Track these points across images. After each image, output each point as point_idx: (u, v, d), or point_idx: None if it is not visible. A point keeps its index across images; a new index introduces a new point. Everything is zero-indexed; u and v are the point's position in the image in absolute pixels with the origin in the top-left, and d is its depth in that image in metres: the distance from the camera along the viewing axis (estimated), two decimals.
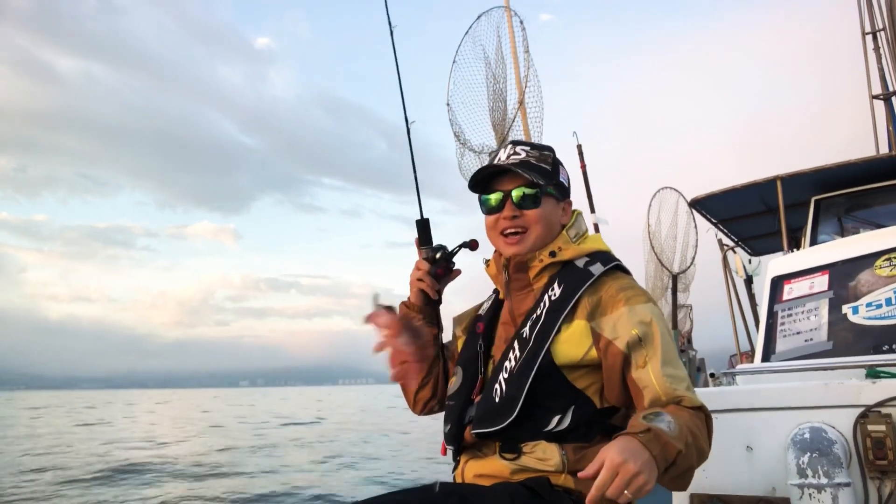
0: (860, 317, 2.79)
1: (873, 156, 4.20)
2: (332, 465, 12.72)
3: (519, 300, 1.44)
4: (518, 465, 1.28)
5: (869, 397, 1.80)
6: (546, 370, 1.29)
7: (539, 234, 1.41)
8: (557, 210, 1.45)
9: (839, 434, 1.80)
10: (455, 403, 1.43)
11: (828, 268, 3.08)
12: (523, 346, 1.34)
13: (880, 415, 1.77)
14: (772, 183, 4.29)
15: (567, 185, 1.48)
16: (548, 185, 1.41)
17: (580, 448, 1.27)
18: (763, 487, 1.91)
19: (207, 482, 10.45)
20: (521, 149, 1.47)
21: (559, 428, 1.27)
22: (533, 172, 1.40)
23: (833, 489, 1.70)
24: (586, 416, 1.29)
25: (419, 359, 1.39)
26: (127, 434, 21.26)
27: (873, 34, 6.18)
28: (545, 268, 1.41)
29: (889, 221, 3.86)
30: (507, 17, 4.38)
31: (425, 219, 1.61)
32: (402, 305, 1.61)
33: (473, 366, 1.44)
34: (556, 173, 1.45)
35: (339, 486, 9.98)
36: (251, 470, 11.76)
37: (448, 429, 1.42)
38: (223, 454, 14.44)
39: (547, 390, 1.29)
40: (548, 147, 1.49)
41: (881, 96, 5.83)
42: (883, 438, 1.73)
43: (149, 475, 11.19)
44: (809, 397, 1.88)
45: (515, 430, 1.28)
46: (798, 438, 1.80)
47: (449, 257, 1.56)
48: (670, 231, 6.54)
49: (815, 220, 4.21)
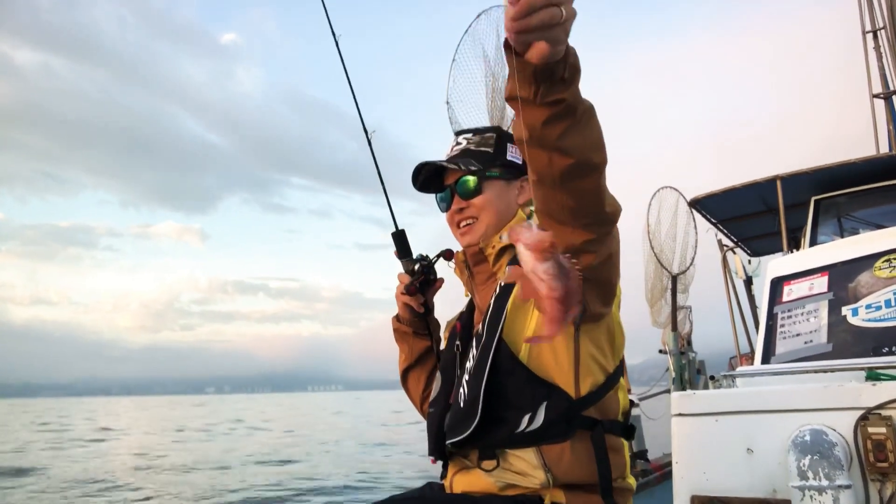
0: (860, 318, 2.78)
1: (873, 155, 4.20)
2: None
3: (484, 293, 1.38)
4: (505, 481, 1.22)
5: (869, 399, 1.80)
6: (504, 364, 1.22)
7: (488, 221, 1.36)
8: (509, 191, 1.39)
9: (840, 436, 1.80)
10: (434, 410, 1.37)
11: (827, 269, 3.07)
12: (478, 341, 1.28)
13: (881, 417, 1.77)
14: (771, 183, 4.28)
15: (520, 162, 1.40)
16: (489, 168, 1.36)
17: (560, 450, 1.19)
18: (764, 489, 1.91)
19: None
20: (462, 138, 1.43)
21: (532, 427, 1.18)
22: (469, 160, 1.36)
23: (834, 491, 1.69)
24: (562, 411, 1.19)
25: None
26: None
27: (874, 33, 6.17)
28: (503, 253, 1.34)
29: (889, 222, 3.86)
30: None
31: (401, 230, 1.57)
32: (394, 320, 1.59)
33: (451, 368, 1.37)
34: (500, 153, 1.39)
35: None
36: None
37: (429, 439, 1.36)
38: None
39: (510, 386, 1.21)
40: (491, 128, 1.44)
41: (881, 95, 5.82)
42: (883, 441, 1.73)
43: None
44: (810, 400, 1.88)
45: (487, 436, 1.21)
46: (798, 441, 1.79)
47: (428, 269, 1.52)
48: (670, 231, 6.52)
49: (814, 220, 4.21)
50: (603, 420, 1.23)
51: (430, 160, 1.38)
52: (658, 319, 6.33)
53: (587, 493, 1.21)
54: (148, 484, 11.86)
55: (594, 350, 1.23)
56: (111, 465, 15.50)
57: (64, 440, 23.29)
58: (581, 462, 1.20)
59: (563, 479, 1.19)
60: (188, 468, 14.40)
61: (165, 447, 19.93)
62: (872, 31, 6.18)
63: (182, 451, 18.45)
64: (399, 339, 1.61)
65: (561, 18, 0.77)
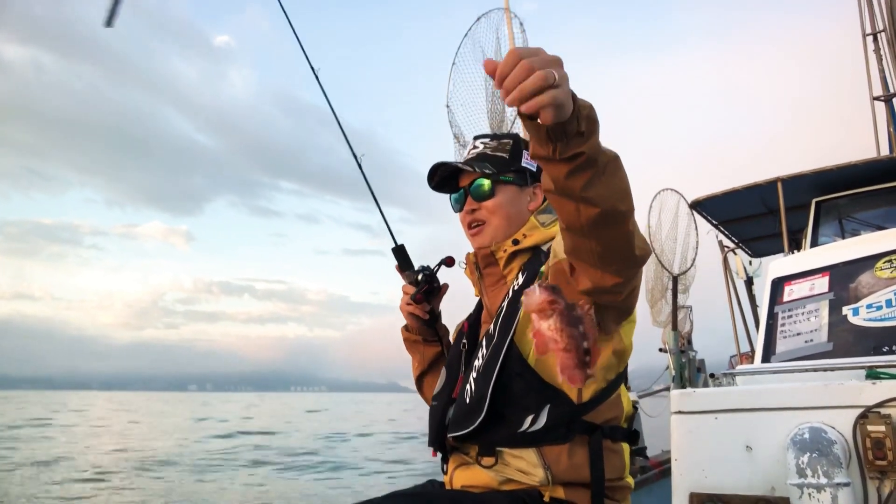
0: (860, 318, 2.79)
1: (874, 157, 4.20)
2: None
3: (493, 295, 1.40)
4: (505, 475, 1.24)
5: (869, 398, 1.80)
6: (513, 366, 1.24)
7: (498, 224, 1.38)
8: (522, 196, 1.41)
9: (839, 434, 1.80)
10: (437, 404, 1.40)
11: (828, 269, 3.08)
12: (489, 342, 1.30)
13: (880, 415, 1.77)
14: (772, 184, 4.29)
15: (535, 169, 1.43)
16: (503, 172, 1.39)
17: (559, 452, 1.21)
18: (762, 487, 1.91)
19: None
20: (479, 142, 1.46)
21: (534, 428, 1.21)
22: (485, 163, 1.38)
23: (832, 489, 1.70)
24: (564, 415, 1.22)
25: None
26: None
27: (874, 35, 6.18)
28: (514, 258, 1.37)
29: (890, 223, 3.87)
30: (507, 19, 4.40)
31: (400, 245, 1.60)
32: (402, 330, 1.62)
33: (456, 365, 1.41)
34: (515, 159, 1.41)
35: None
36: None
37: (430, 431, 1.39)
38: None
39: (517, 387, 1.24)
40: (509, 135, 1.47)
41: (882, 98, 5.82)
42: (882, 439, 1.73)
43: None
44: (809, 398, 1.88)
45: (489, 433, 1.24)
46: (798, 439, 1.80)
47: (431, 278, 1.55)
48: (671, 232, 6.54)
49: (815, 221, 4.21)
50: (603, 425, 1.26)
51: (446, 161, 1.41)
52: (658, 319, 6.34)
53: (586, 488, 1.23)
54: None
55: (601, 358, 1.24)
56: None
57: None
58: (578, 465, 1.22)
59: (562, 477, 1.21)
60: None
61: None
62: (873, 33, 6.19)
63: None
64: (410, 347, 1.63)
65: (554, 81, 0.81)
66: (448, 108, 4.48)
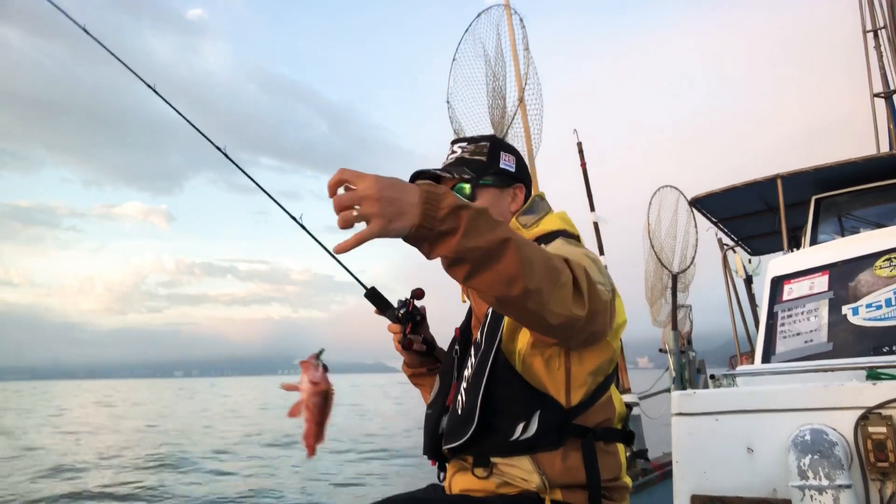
0: (860, 318, 2.78)
1: (874, 154, 4.19)
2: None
3: (480, 300, 1.39)
4: (502, 479, 1.24)
5: (869, 399, 1.80)
6: (501, 373, 1.24)
7: None
8: (502, 198, 1.40)
9: (840, 436, 1.79)
10: (432, 413, 1.40)
11: (828, 268, 3.07)
12: (476, 350, 1.30)
13: (881, 416, 1.77)
14: (772, 182, 4.28)
15: (514, 170, 1.43)
16: (482, 176, 1.38)
17: (552, 458, 1.21)
18: (764, 489, 1.91)
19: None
20: (457, 146, 1.45)
21: (526, 436, 1.21)
22: (463, 168, 1.37)
23: (834, 491, 1.69)
24: (555, 420, 1.22)
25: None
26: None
27: (874, 32, 6.17)
28: None
29: (890, 221, 3.86)
30: (507, 15, 4.39)
31: (372, 288, 1.55)
32: (404, 368, 1.61)
33: (450, 372, 1.40)
34: (494, 161, 1.41)
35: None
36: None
37: (424, 441, 1.40)
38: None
39: (506, 395, 1.23)
40: (486, 137, 1.46)
41: (882, 94, 5.81)
42: (884, 440, 1.73)
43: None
44: (810, 399, 1.88)
45: (482, 443, 1.24)
46: (799, 440, 1.79)
47: (410, 315, 1.52)
48: (670, 230, 6.53)
49: (815, 219, 4.20)
50: (595, 428, 1.26)
51: (426, 169, 1.40)
52: (658, 318, 6.34)
53: (584, 490, 1.24)
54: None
55: (586, 364, 1.25)
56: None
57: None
58: (573, 468, 1.23)
59: (558, 481, 1.22)
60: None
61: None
62: (873, 30, 6.18)
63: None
64: (416, 382, 1.62)
65: (355, 219, 0.87)
66: (448, 103, 4.47)
